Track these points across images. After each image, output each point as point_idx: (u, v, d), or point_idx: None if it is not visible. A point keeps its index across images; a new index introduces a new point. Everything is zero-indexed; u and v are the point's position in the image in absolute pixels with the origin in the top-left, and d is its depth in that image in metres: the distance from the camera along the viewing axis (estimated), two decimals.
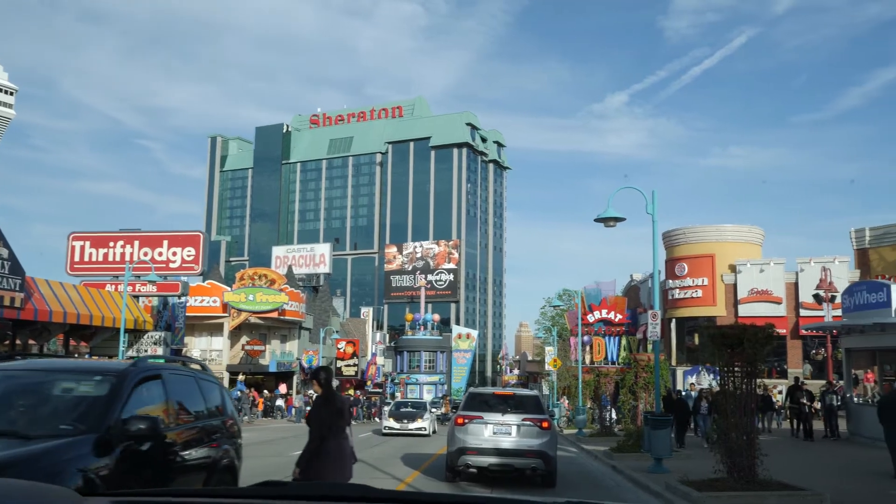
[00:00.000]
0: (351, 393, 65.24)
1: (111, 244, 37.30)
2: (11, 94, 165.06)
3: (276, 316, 57.75)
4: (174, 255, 36.85)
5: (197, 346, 56.40)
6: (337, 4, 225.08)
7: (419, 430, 29.74)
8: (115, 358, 28.47)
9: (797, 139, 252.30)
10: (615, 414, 31.54)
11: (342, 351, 72.97)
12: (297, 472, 7.59)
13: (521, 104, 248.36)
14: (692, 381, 36.16)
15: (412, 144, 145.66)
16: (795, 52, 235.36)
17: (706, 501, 10.91)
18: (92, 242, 37.43)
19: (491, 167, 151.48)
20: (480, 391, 15.57)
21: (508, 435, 13.52)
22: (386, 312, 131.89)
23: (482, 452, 13.42)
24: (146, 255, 35.92)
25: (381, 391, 72.79)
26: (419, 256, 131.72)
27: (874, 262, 43.11)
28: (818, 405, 25.87)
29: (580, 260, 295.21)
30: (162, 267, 35.95)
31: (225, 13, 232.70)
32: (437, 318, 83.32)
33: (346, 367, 72.92)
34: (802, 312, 43.04)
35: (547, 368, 59.02)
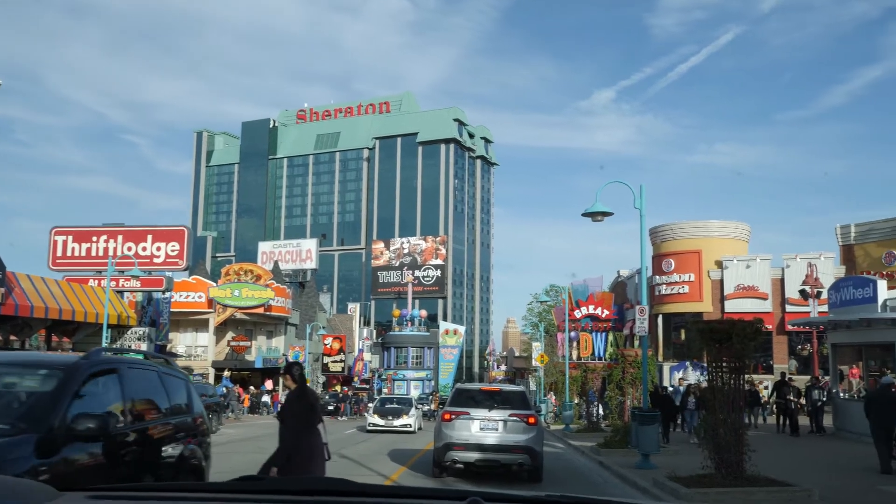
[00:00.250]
0: (338, 389, 65.11)
1: (94, 239, 36.83)
2: None
3: (261, 312, 57.48)
4: (158, 250, 36.45)
5: (182, 341, 56.03)
6: None
7: (404, 426, 29.00)
8: None
9: (782, 136, 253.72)
10: (602, 409, 31.55)
11: (329, 347, 72.76)
12: (274, 471, 7.38)
13: (508, 100, 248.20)
14: (680, 376, 36.22)
15: (399, 140, 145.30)
16: (781, 50, 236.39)
17: (694, 498, 10.84)
18: (75, 237, 36.96)
19: (478, 163, 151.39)
20: (467, 387, 15.56)
21: (495, 431, 13.56)
22: (373, 308, 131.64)
23: (469, 448, 13.44)
24: (130, 249, 35.52)
25: (368, 387, 72.65)
26: (406, 252, 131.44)
27: (859, 257, 43.34)
28: (803, 401, 25.96)
29: (567, 256, 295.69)
30: (146, 262, 35.54)
31: (211, 7, 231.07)
32: (424, 314, 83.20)
33: (332, 363, 72.74)
34: (788, 308, 43.22)
35: (534, 364, 59.11)
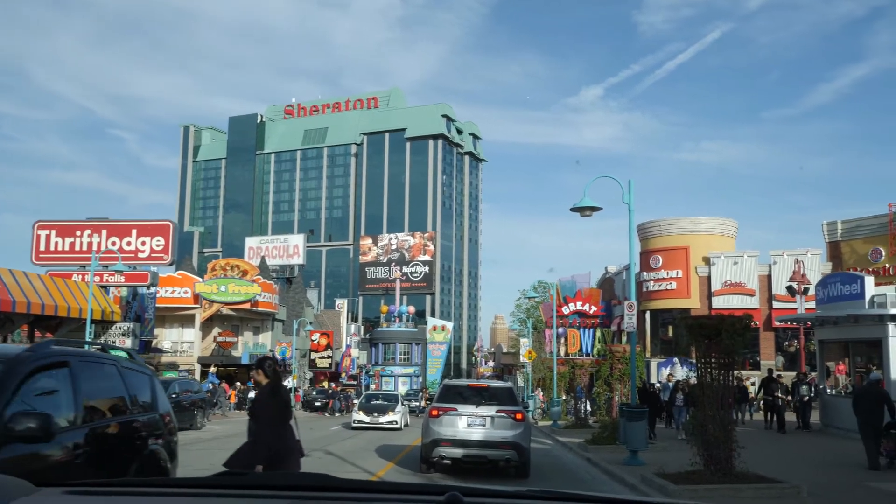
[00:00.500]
0: (325, 385, 64.87)
1: (78, 233, 36.45)
2: None
3: (248, 307, 57.16)
4: (143, 244, 36.11)
5: (168, 337, 55.64)
6: None
7: (390, 423, 28.38)
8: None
9: (769, 134, 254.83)
10: (590, 406, 31.48)
11: (316, 343, 72.54)
12: (260, 468, 7.22)
13: (496, 97, 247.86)
14: (668, 372, 36.23)
15: (387, 136, 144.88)
16: (768, 48, 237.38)
17: (683, 494, 10.74)
18: (58, 231, 36.56)
19: (466, 159, 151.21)
20: (455, 383, 15.53)
21: (482, 426, 13.53)
22: (361, 304, 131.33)
23: (456, 444, 13.41)
24: (114, 244, 35.14)
25: (355, 383, 72.46)
26: (394, 248, 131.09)
27: (846, 254, 43.49)
28: (790, 397, 25.98)
29: (555, 252, 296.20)
30: (130, 257, 35.22)
31: (199, 2, 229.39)
32: (412, 310, 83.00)
33: (320, 358, 72.53)
34: (775, 305, 43.33)
35: (522, 360, 59.10)
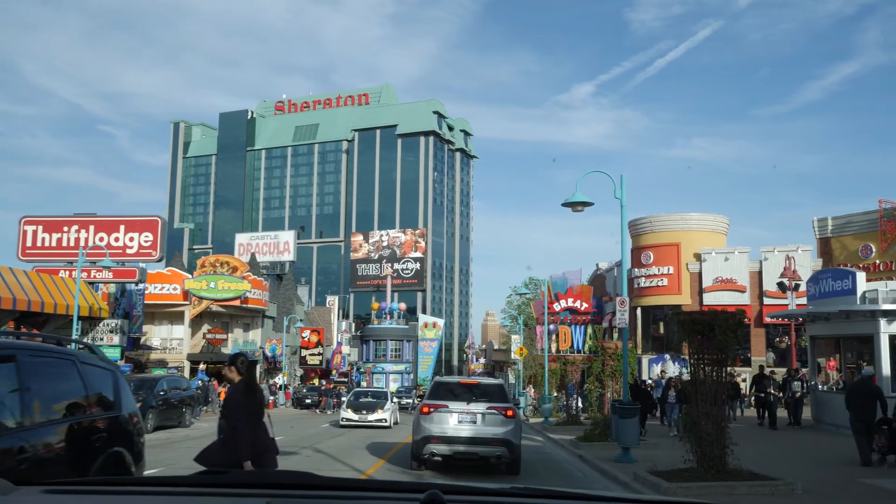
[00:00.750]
0: (316, 382, 64.64)
1: (65, 229, 36.06)
2: None
3: (238, 304, 56.82)
4: (131, 240, 35.75)
5: (157, 334, 55.27)
6: None
7: (379, 421, 27.75)
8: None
9: (759, 131, 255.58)
10: (581, 402, 31.36)
11: (307, 340, 72.27)
12: (248, 464, 7.05)
13: (488, 93, 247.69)
14: (660, 369, 36.21)
15: (379, 132, 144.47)
16: (758, 45, 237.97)
17: (677, 492, 10.61)
18: (45, 227, 36.17)
19: (458, 156, 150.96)
20: (446, 380, 15.44)
21: (473, 423, 13.46)
22: (352, 301, 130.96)
23: (447, 441, 13.34)
24: (102, 240, 34.79)
25: (346, 380, 72.22)
26: (385, 245, 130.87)
27: (836, 250, 43.59)
28: (781, 393, 25.92)
29: (546, 249, 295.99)
30: (118, 253, 34.86)
31: None
32: (403, 307, 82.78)
33: (310, 356, 72.25)
34: (766, 301, 43.37)
35: (513, 357, 58.97)
